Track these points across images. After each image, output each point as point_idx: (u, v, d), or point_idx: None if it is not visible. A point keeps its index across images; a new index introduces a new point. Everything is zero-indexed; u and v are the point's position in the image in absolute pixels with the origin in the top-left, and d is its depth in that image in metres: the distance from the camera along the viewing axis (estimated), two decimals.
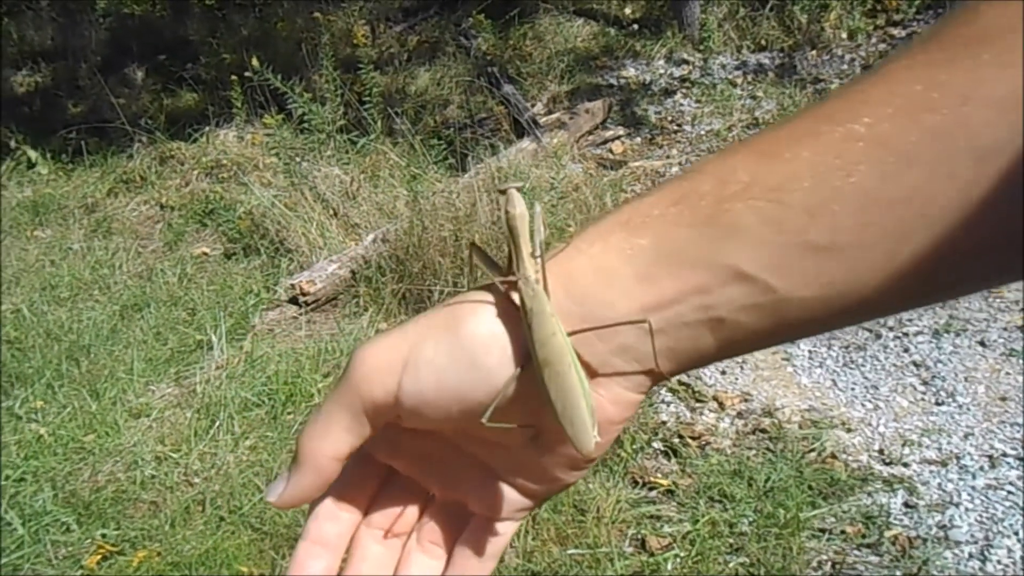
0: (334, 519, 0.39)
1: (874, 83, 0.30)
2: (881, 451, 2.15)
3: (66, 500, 2.25)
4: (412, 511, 0.41)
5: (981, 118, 0.28)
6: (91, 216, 4.33)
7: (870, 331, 2.64)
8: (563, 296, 0.34)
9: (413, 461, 0.40)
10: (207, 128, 4.67)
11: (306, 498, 0.37)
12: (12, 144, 5.05)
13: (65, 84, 5.85)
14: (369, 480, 0.40)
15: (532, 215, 0.37)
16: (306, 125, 3.96)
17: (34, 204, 4.52)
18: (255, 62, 3.88)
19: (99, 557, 2.04)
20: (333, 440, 0.35)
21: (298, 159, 3.92)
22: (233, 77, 4.32)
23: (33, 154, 4.97)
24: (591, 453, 0.35)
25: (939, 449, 2.12)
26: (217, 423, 2.48)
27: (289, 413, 2.49)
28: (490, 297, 0.36)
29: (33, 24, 6.58)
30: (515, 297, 0.36)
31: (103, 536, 2.11)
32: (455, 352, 0.34)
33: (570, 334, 0.34)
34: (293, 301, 3.16)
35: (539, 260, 0.35)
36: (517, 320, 0.35)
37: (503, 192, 0.38)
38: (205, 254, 3.77)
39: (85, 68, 5.77)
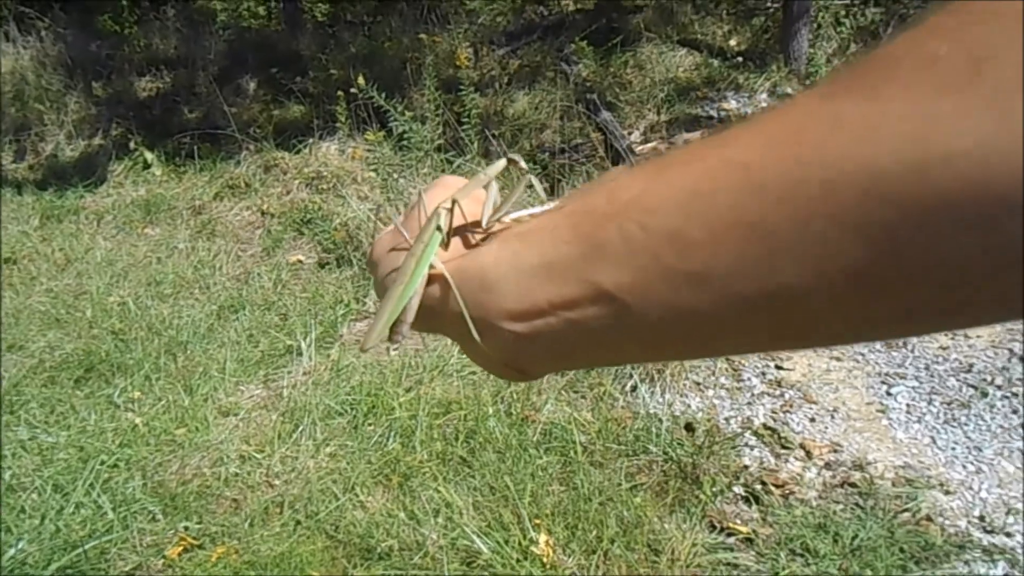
0: None
1: (780, 109, 0.29)
2: (982, 517, 2.02)
3: (154, 490, 2.34)
4: None
5: (836, 148, 0.25)
6: (197, 218, 4.53)
7: (975, 388, 2.50)
8: (456, 281, 0.40)
9: None
10: (311, 140, 4.83)
11: None
12: (131, 145, 5.34)
13: (183, 91, 6.16)
14: None
15: (488, 188, 0.44)
16: (405, 142, 4.05)
17: (146, 203, 4.77)
18: (361, 80, 3.99)
19: (181, 549, 2.10)
20: None
21: (395, 175, 4.01)
22: (339, 92, 4.46)
23: (149, 155, 5.25)
24: (361, 349, 0.53)
25: None
26: (300, 428, 2.53)
27: (370, 424, 2.53)
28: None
29: (159, 33, 6.97)
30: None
31: (186, 529, 2.18)
32: None
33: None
34: None
35: (443, 215, 0.42)
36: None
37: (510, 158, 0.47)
38: (300, 262, 3.88)
39: (203, 76, 6.07)
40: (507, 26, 6.36)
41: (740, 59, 5.17)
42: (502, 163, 0.45)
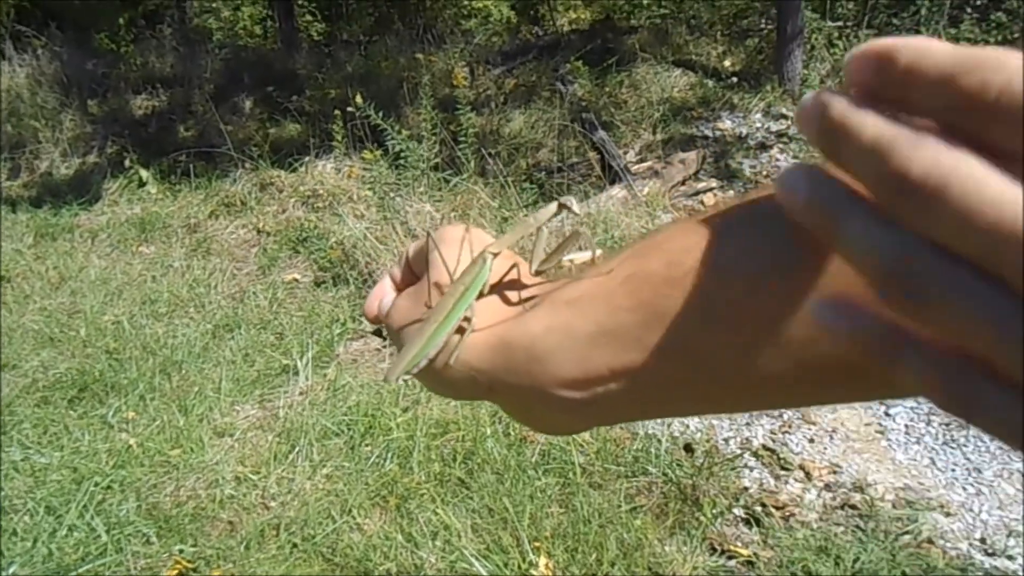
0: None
1: None
2: (983, 540, 2.01)
3: (148, 512, 2.31)
4: None
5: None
6: (192, 236, 4.52)
7: None
8: (496, 351, 0.39)
9: None
10: (307, 158, 4.83)
11: None
12: (126, 163, 5.34)
13: (179, 109, 6.17)
14: None
15: (538, 234, 0.43)
16: (402, 161, 4.05)
17: (141, 221, 4.75)
18: (359, 99, 4.00)
19: (176, 572, 2.08)
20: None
21: (392, 194, 4.01)
22: (336, 111, 4.47)
23: (144, 173, 5.24)
24: (386, 381, 0.52)
25: None
26: (297, 449, 2.51)
27: (367, 445, 2.51)
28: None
29: (155, 52, 6.99)
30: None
31: (180, 552, 2.15)
32: None
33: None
34: (377, 333, 3.20)
35: (489, 260, 0.42)
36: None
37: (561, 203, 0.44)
38: (296, 280, 3.87)
39: (199, 95, 6.08)
40: (503, 46, 6.40)
41: (735, 79, 5.21)
42: (553, 207, 0.43)
